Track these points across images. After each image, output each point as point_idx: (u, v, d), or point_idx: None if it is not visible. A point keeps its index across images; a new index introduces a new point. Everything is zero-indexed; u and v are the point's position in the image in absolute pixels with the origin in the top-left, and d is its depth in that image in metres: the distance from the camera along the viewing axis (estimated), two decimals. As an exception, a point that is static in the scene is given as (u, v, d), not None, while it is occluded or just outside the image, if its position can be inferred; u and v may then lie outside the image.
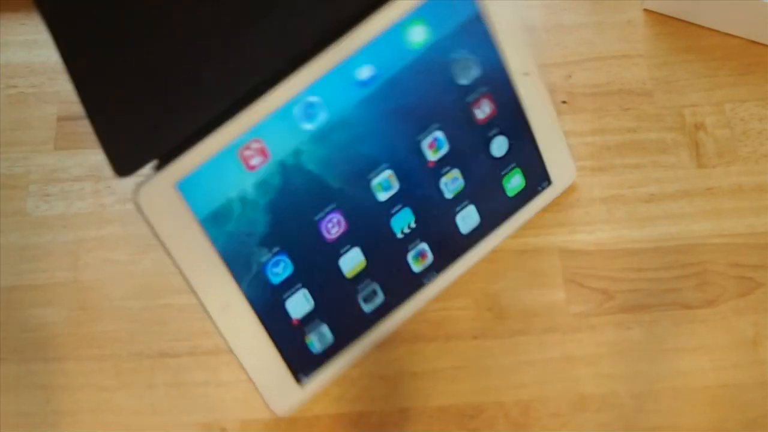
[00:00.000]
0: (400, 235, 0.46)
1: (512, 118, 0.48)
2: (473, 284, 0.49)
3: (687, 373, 0.47)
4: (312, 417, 0.46)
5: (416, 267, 0.47)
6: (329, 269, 0.45)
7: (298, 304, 0.45)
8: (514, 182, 0.49)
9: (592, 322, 0.48)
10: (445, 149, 0.46)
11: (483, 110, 0.47)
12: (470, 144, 0.47)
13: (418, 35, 0.44)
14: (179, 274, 0.41)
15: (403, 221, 0.46)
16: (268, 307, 0.44)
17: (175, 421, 0.46)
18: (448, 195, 0.47)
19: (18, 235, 0.51)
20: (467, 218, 0.48)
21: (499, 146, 0.48)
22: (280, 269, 0.44)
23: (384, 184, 0.45)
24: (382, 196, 0.45)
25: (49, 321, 0.48)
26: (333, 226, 0.45)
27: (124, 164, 0.37)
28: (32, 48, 0.56)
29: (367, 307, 0.47)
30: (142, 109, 0.36)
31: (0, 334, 0.48)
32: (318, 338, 0.46)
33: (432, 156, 0.46)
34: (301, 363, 0.46)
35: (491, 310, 0.49)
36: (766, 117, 0.53)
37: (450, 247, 0.48)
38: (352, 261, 0.45)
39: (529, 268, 0.50)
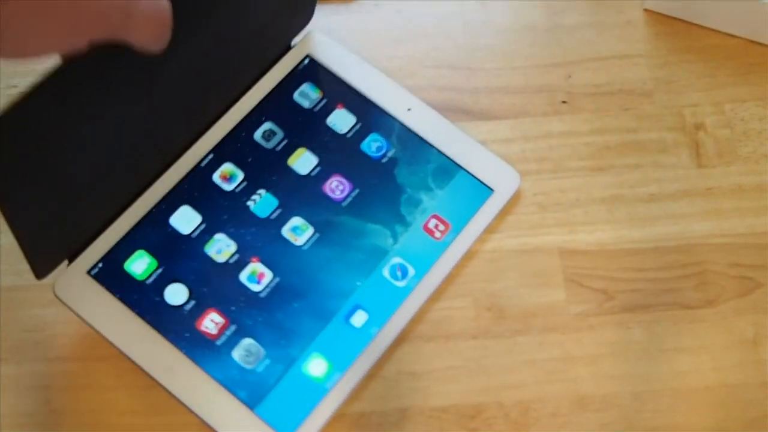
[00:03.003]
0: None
1: (413, 150, 0.51)
2: (473, 284, 0.49)
3: (687, 373, 0.47)
4: (312, 417, 0.46)
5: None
6: (261, 316, 0.47)
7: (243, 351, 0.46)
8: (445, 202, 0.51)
9: (592, 322, 0.48)
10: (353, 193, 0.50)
11: (378, 151, 0.51)
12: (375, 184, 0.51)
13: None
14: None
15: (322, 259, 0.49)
16: (212, 359, 0.46)
17: (175, 421, 0.46)
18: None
19: (18, 235, 0.51)
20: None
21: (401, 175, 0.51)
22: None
23: (297, 231, 0.49)
24: (300, 240, 0.48)
25: (49, 321, 0.48)
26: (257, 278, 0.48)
27: (43, 269, 0.44)
28: (32, 48, 0.56)
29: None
30: (55, 222, 0.41)
31: (0, 334, 0.48)
32: (262, 366, 0.46)
33: (338, 196, 0.50)
34: (255, 396, 0.45)
35: (491, 310, 0.49)
36: (766, 117, 0.53)
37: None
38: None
39: (529, 268, 0.50)
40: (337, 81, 0.52)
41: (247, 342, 0.46)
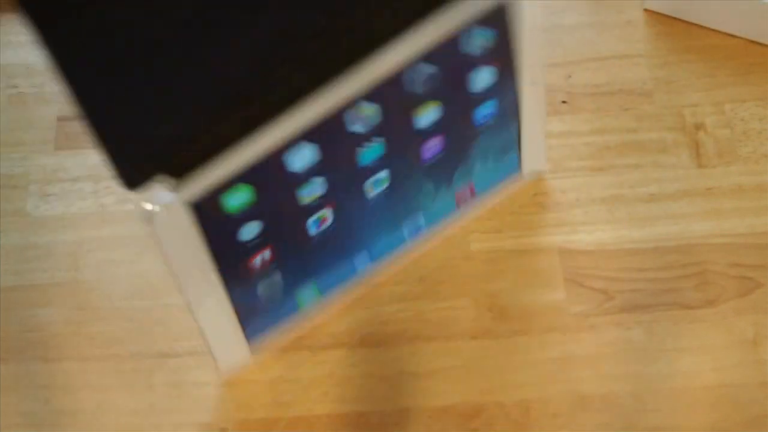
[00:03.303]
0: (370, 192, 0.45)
1: (505, 123, 0.48)
2: (473, 284, 0.49)
3: (687, 373, 0.47)
4: (312, 417, 0.46)
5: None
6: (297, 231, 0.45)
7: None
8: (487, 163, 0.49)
9: (592, 322, 0.48)
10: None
11: (479, 84, 0.45)
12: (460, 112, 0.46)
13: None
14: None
15: (379, 183, 0.45)
16: (241, 290, 0.44)
17: (174, 421, 0.46)
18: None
19: (18, 235, 0.51)
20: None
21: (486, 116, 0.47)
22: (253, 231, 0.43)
23: (377, 184, 0.45)
24: (372, 193, 0.45)
25: (49, 321, 0.48)
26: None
27: (133, 175, 0.36)
28: (32, 48, 0.56)
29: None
30: (152, 115, 0.34)
31: (0, 334, 0.48)
32: (276, 301, 0.45)
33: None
34: (254, 324, 0.45)
35: (491, 310, 0.49)
36: (766, 117, 0.53)
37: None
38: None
39: (529, 268, 0.50)
40: (508, 34, 0.44)
41: (276, 278, 0.44)
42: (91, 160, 0.53)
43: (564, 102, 0.53)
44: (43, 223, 0.51)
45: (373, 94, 0.42)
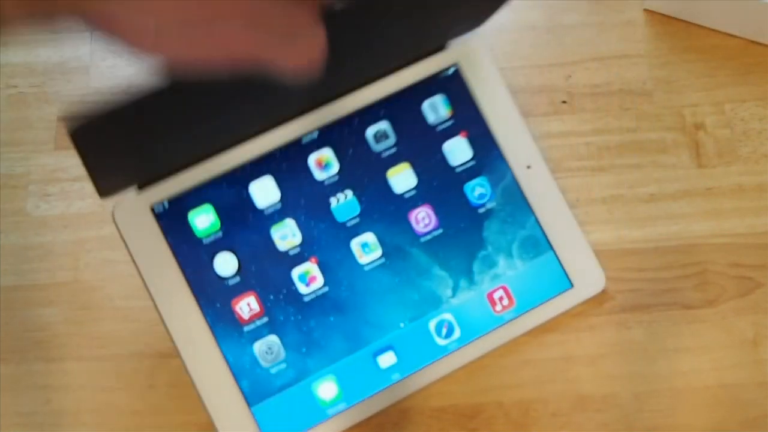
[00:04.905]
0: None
1: (513, 209, 0.47)
2: (473, 284, 0.49)
3: (687, 373, 0.47)
4: (312, 417, 0.46)
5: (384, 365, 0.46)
6: (296, 314, 0.45)
7: (266, 344, 0.45)
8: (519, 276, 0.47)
9: (592, 322, 0.48)
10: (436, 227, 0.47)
11: (479, 198, 0.47)
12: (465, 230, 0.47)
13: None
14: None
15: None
16: (233, 342, 0.44)
17: (175, 421, 0.46)
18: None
19: (18, 235, 0.51)
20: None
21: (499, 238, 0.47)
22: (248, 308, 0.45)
23: (365, 248, 0.46)
24: (364, 259, 0.46)
25: (49, 321, 0.48)
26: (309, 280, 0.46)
27: (106, 188, 0.41)
28: (32, 48, 0.56)
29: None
30: (127, 147, 0.38)
31: (0, 334, 0.48)
32: (276, 368, 0.45)
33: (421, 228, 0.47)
34: (257, 393, 0.44)
35: (491, 310, 0.48)
36: (766, 117, 0.53)
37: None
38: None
39: (529, 268, 0.49)
40: (472, 105, 0.47)
41: (272, 339, 0.44)
42: (91, 160, 0.53)
43: (564, 102, 0.53)
44: (43, 223, 0.51)
45: (329, 139, 0.46)
